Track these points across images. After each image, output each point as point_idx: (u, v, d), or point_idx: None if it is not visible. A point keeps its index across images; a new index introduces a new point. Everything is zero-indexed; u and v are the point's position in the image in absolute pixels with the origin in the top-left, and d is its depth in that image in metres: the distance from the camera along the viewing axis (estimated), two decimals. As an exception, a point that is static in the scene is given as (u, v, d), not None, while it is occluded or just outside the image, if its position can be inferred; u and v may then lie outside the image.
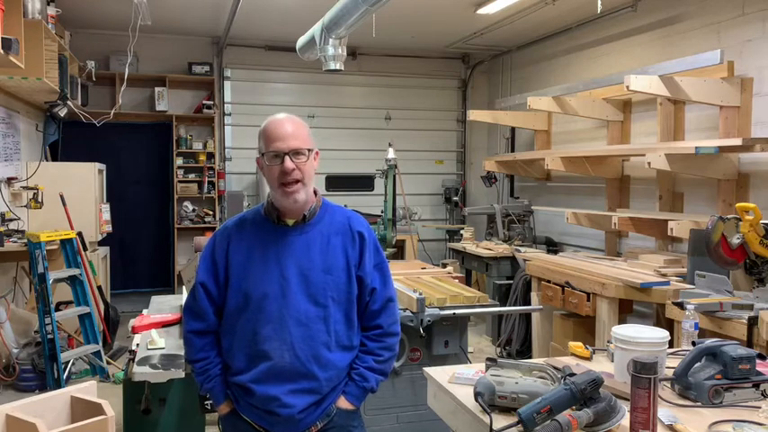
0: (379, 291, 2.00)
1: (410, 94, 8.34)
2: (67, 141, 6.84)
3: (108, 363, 5.04)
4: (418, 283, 3.79)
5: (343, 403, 1.96)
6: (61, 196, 5.44)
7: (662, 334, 2.03)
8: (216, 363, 1.98)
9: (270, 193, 1.99)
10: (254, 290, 1.90)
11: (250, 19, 6.52)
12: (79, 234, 5.20)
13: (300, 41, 5.32)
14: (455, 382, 2.04)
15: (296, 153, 1.88)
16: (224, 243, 1.98)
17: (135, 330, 3.64)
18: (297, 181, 1.88)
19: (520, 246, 6.20)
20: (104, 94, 7.21)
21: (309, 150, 1.92)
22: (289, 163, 1.86)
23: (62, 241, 4.97)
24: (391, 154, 4.41)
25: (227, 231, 2.01)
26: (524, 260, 5.51)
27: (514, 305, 5.37)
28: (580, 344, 2.37)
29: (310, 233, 1.96)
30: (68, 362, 4.75)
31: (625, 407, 1.65)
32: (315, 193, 2.01)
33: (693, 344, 2.18)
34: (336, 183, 7.96)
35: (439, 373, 2.14)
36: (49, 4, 5.34)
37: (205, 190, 7.59)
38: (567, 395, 1.59)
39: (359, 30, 4.62)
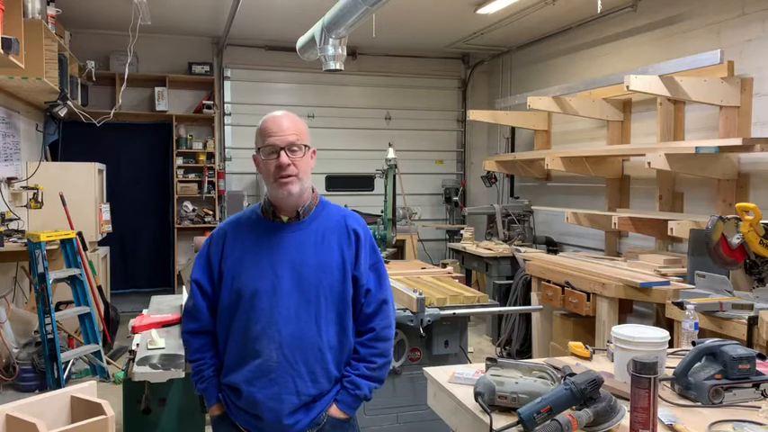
0: (374, 292, 1.97)
1: (410, 94, 8.34)
2: (67, 141, 6.83)
3: (108, 363, 5.04)
4: (418, 283, 3.78)
5: (335, 412, 1.91)
6: (61, 196, 5.44)
7: (662, 334, 2.03)
8: (210, 364, 1.97)
9: (266, 191, 1.99)
10: (245, 287, 1.89)
11: (250, 19, 6.52)
12: (79, 234, 5.20)
13: (300, 41, 5.32)
14: (455, 381, 2.04)
15: (292, 148, 1.88)
16: (219, 242, 1.98)
17: (135, 330, 3.64)
18: (291, 176, 1.88)
19: (520, 246, 6.20)
20: (104, 94, 7.21)
21: (306, 146, 1.91)
22: (284, 158, 1.86)
23: (62, 241, 4.97)
24: (391, 154, 4.41)
25: (223, 230, 2.01)
26: (524, 260, 5.52)
27: (514, 305, 5.37)
28: (580, 344, 2.37)
29: (305, 230, 1.94)
30: (68, 362, 4.75)
31: (625, 407, 1.65)
32: (312, 190, 2.00)
33: (693, 344, 2.18)
34: (336, 183, 7.96)
35: (439, 373, 2.14)
36: (48, 4, 5.34)
37: (205, 190, 7.59)
38: (567, 395, 1.59)
39: (359, 30, 4.62)
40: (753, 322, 2.92)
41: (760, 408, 1.81)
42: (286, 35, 6.84)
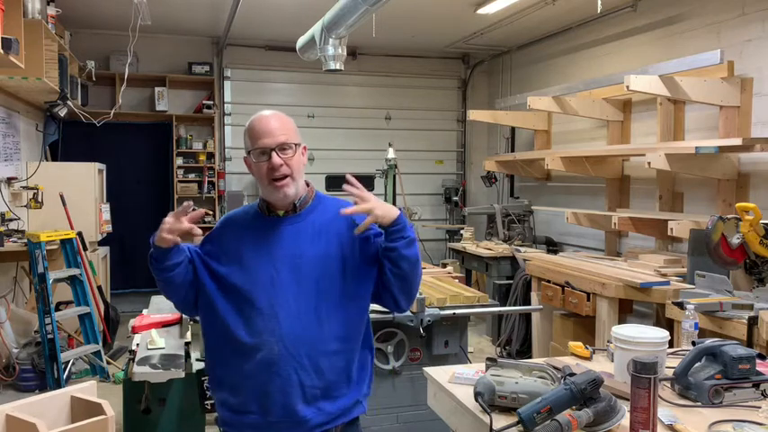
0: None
1: (410, 94, 8.33)
2: (67, 141, 6.83)
3: (108, 363, 5.05)
4: (418, 283, 3.78)
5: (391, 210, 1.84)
6: (61, 196, 5.44)
7: (662, 334, 2.03)
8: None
9: (261, 192, 1.98)
10: (244, 282, 1.88)
11: (250, 19, 6.52)
12: (79, 234, 5.20)
13: (300, 41, 5.32)
14: (455, 381, 2.04)
15: (282, 148, 1.87)
16: (216, 238, 1.98)
17: (135, 330, 3.65)
18: (285, 176, 1.87)
19: (520, 246, 6.20)
20: (104, 94, 7.21)
21: (296, 145, 1.90)
22: (276, 158, 1.85)
23: (62, 241, 4.97)
24: (391, 154, 4.41)
25: (219, 227, 2.02)
26: (524, 260, 5.52)
27: (514, 305, 5.37)
28: (580, 344, 2.37)
29: (302, 223, 1.93)
30: (68, 362, 4.76)
31: (625, 407, 1.65)
32: (307, 184, 1.99)
33: (693, 344, 2.18)
34: (336, 183, 7.88)
35: (439, 373, 2.14)
36: (48, 4, 5.34)
37: (205, 190, 7.59)
38: (567, 395, 1.59)
39: (359, 30, 4.62)
40: (753, 322, 2.93)
41: (760, 408, 1.81)
42: (286, 35, 6.84)
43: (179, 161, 7.54)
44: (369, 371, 2.01)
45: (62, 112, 5.74)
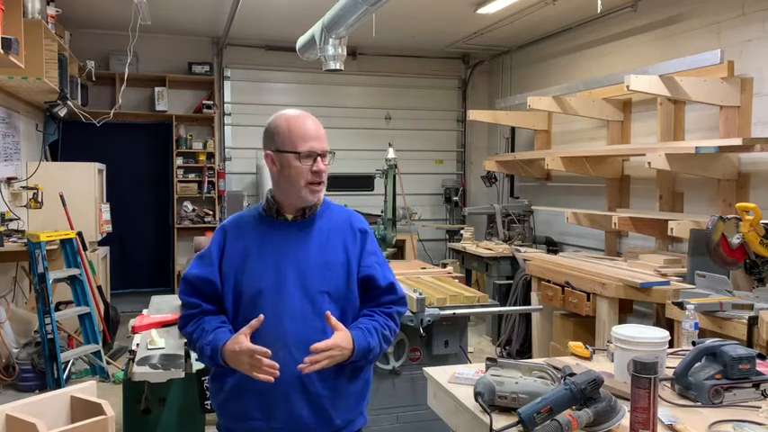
0: (396, 284, 2.01)
1: (410, 94, 8.34)
2: (67, 141, 6.83)
3: (108, 363, 5.05)
4: (418, 283, 3.79)
5: (345, 337, 1.82)
6: (61, 196, 5.44)
7: (662, 334, 2.03)
8: (206, 311, 1.91)
9: (270, 190, 1.97)
10: (248, 286, 1.87)
11: (250, 19, 6.52)
12: (79, 234, 5.20)
13: (300, 41, 5.33)
14: (455, 381, 2.04)
15: (325, 156, 1.91)
16: (220, 240, 1.96)
17: (135, 330, 3.64)
18: (323, 182, 1.91)
19: (520, 246, 6.20)
20: (104, 94, 7.22)
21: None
22: (322, 164, 1.89)
23: (62, 241, 4.97)
24: (391, 154, 4.40)
25: (224, 229, 1.99)
26: (524, 260, 5.52)
27: (514, 305, 5.37)
28: (580, 344, 2.37)
29: (310, 228, 1.94)
30: (68, 362, 4.76)
31: (625, 407, 1.65)
32: None
33: (693, 344, 2.18)
34: (336, 183, 7.91)
35: (439, 373, 2.14)
36: (48, 4, 5.34)
37: (205, 190, 7.59)
38: (567, 395, 1.59)
39: (359, 30, 4.63)
40: (753, 322, 2.93)
41: (760, 408, 1.81)
42: (286, 35, 6.83)
43: (179, 161, 7.54)
44: (370, 379, 2.02)
45: (62, 112, 5.73)
